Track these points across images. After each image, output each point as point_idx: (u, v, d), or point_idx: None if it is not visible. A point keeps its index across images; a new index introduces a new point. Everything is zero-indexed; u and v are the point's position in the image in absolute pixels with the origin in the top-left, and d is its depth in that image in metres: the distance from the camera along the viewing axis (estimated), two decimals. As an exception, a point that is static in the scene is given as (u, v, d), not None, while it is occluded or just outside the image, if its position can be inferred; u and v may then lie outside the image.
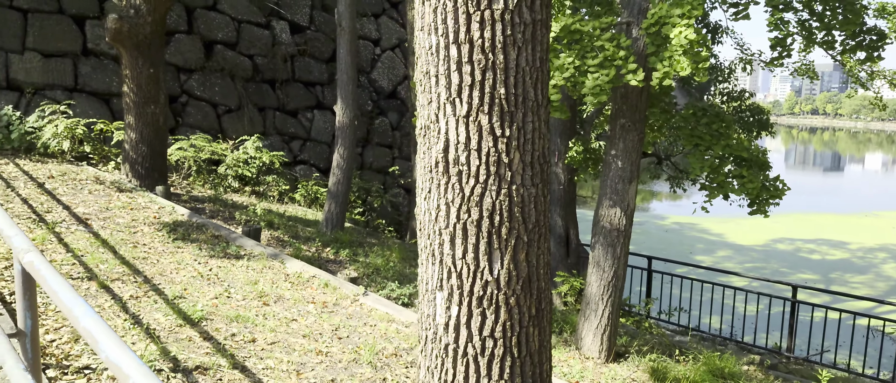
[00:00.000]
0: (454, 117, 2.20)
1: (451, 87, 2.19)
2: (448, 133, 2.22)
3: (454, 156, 2.22)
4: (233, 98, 11.70)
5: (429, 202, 2.32)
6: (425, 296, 2.41)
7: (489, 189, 2.22)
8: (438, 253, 2.31)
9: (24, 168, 7.92)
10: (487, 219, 2.23)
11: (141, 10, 7.84)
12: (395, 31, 14.30)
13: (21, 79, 9.68)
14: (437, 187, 2.27)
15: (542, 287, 2.37)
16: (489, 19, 2.12)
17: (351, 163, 8.49)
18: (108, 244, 5.69)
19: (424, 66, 2.25)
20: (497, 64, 2.16)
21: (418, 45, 2.29)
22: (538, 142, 2.26)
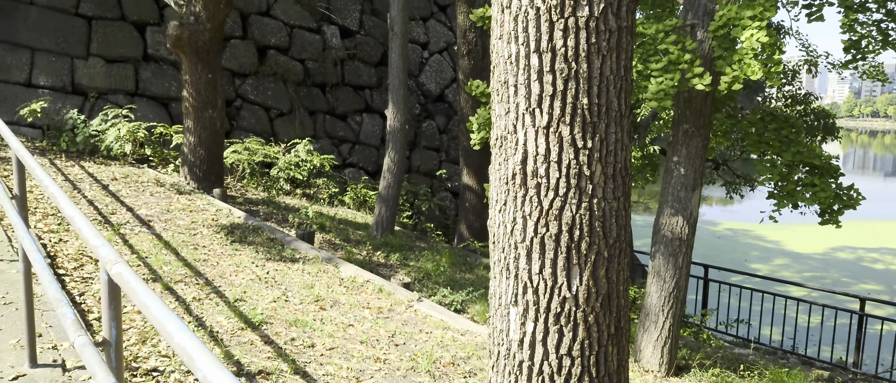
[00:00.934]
0: (533, 128, 2.14)
1: (530, 98, 2.13)
2: (527, 144, 2.16)
3: (533, 168, 2.16)
4: (285, 102, 11.90)
5: (504, 214, 2.26)
6: (498, 311, 2.35)
7: (569, 202, 2.14)
8: (513, 267, 2.25)
9: (89, 170, 8.21)
10: (567, 233, 2.16)
11: (201, 17, 8.04)
12: (443, 35, 14.30)
13: (85, 83, 10.05)
14: (514, 199, 2.21)
15: (621, 304, 2.28)
16: (573, 27, 2.05)
17: (401, 168, 8.51)
18: (170, 246, 5.83)
19: (502, 75, 2.20)
20: (580, 73, 2.08)
21: (495, 54, 2.24)
22: (621, 153, 2.18)
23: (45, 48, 9.76)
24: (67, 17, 10.01)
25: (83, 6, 10.13)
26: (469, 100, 10.38)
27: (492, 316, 2.41)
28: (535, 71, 2.10)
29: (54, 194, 2.27)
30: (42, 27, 9.77)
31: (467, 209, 10.56)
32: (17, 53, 9.56)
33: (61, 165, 8.13)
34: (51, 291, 2.12)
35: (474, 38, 10.33)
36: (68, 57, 9.95)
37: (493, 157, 2.30)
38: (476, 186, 10.52)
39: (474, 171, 10.53)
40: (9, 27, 9.53)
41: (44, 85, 9.70)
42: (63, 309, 2.01)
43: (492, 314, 2.41)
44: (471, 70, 10.36)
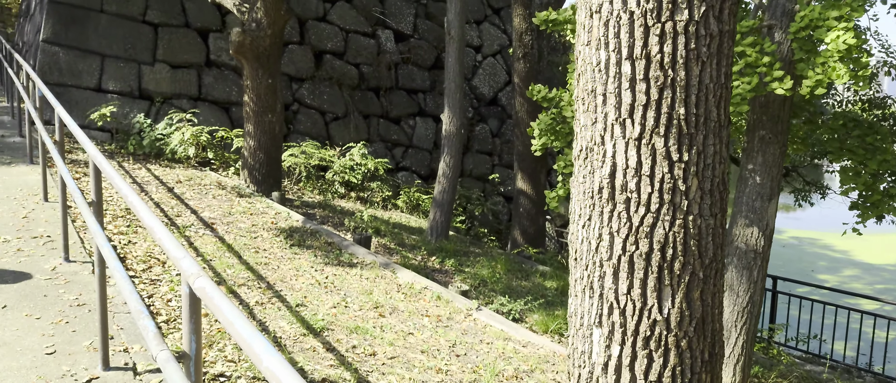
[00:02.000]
0: (623, 139, 2.01)
1: (621, 107, 2.00)
2: (616, 157, 2.03)
3: (622, 182, 2.03)
4: (340, 106, 12.02)
5: (588, 231, 2.14)
6: (579, 331, 2.23)
7: (662, 219, 2.00)
8: (598, 286, 2.12)
9: (155, 172, 8.47)
10: (658, 252, 2.02)
11: (262, 23, 8.17)
12: (496, 38, 14.18)
13: (151, 88, 10.40)
14: (600, 215, 2.09)
15: (716, 328, 2.12)
16: (671, 32, 1.92)
17: (456, 173, 8.43)
18: (232, 249, 5.92)
19: (589, 83, 2.08)
20: (677, 81, 1.94)
21: (581, 61, 2.12)
22: (718, 167, 2.02)
23: (114, 54, 10.15)
24: (135, 24, 10.38)
25: (150, 14, 10.49)
26: (525, 103, 10.24)
27: (572, 335, 2.29)
28: (627, 79, 1.98)
29: (134, 204, 2.28)
30: (111, 34, 10.15)
31: (521, 214, 10.41)
32: (88, 60, 9.97)
33: (129, 168, 8.41)
34: (132, 302, 2.12)
35: (530, 41, 10.18)
36: (136, 63, 10.31)
37: (577, 170, 2.19)
38: (530, 191, 10.35)
39: (529, 176, 10.37)
40: (80, 34, 9.95)
41: (113, 90, 10.07)
42: (144, 321, 2.00)
43: (572, 334, 2.29)
44: (527, 73, 10.21)
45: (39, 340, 3.52)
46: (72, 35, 9.86)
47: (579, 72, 2.13)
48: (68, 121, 4.12)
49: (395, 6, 13.07)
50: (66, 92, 9.67)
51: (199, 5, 10.93)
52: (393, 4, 13.05)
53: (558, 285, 7.25)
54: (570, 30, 5.24)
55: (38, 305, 3.97)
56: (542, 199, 10.42)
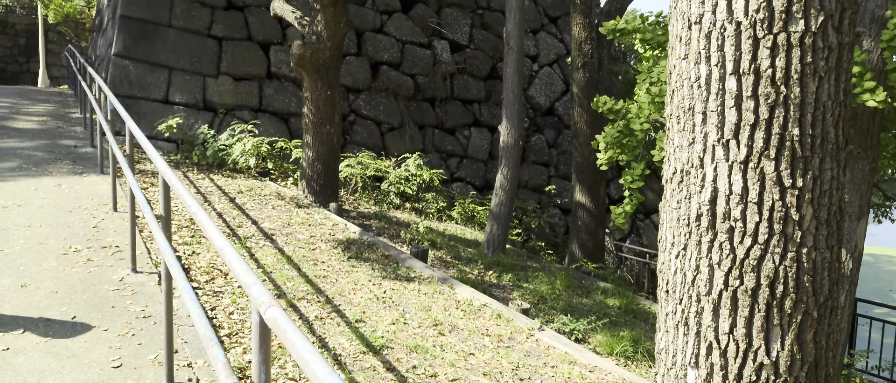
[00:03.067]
0: (726, 162, 1.82)
1: (724, 127, 1.82)
2: (717, 181, 1.84)
3: (724, 210, 1.84)
4: (395, 116, 12.04)
5: (683, 261, 1.95)
6: (671, 371, 2.04)
7: (771, 251, 1.80)
8: (695, 323, 1.93)
9: (217, 183, 8.64)
10: (767, 287, 1.82)
11: (322, 36, 8.25)
12: (553, 47, 13.95)
13: (215, 100, 10.66)
14: (698, 245, 1.90)
15: (829, 374, 1.89)
16: (784, 44, 1.72)
17: (514, 185, 8.26)
18: (292, 261, 5.93)
19: (686, 100, 1.90)
20: (790, 98, 1.75)
21: (676, 76, 1.94)
22: (835, 194, 1.81)
23: (180, 67, 10.46)
24: (201, 38, 10.68)
25: (215, 28, 10.78)
26: (584, 114, 9.98)
27: (661, 374, 2.10)
28: (731, 96, 1.79)
29: (204, 224, 2.23)
30: (179, 48, 10.48)
31: (580, 227, 10.13)
32: (157, 73, 10.31)
33: (193, 178, 8.61)
34: (201, 328, 2.07)
35: (590, 50, 9.92)
36: (201, 75, 10.60)
37: (669, 193, 2.00)
38: (590, 204, 10.06)
39: (588, 188, 10.09)
40: (149, 48, 10.31)
41: (179, 101, 10.38)
42: (214, 350, 1.94)
43: (661, 372, 2.10)
44: (586, 83, 9.96)
45: (106, 353, 3.56)
46: (142, 49, 10.23)
47: (674, 87, 1.95)
48: (139, 135, 4.19)
49: (452, 16, 13.03)
50: (135, 104, 10.03)
51: (261, 19, 11.17)
52: (449, 15, 13.02)
53: (621, 303, 6.97)
54: (639, 39, 5.02)
55: (105, 316, 4.03)
56: (601, 213, 10.12)
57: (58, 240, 5.31)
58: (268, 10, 11.20)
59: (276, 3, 9.05)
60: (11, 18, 28.71)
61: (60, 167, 7.91)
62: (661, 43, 4.97)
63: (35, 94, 16.29)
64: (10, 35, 28.60)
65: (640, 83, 5.14)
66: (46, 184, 7.01)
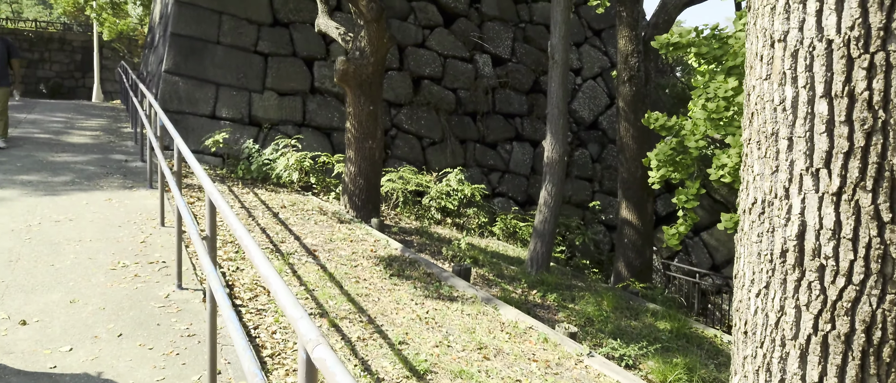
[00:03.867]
0: (816, 194, 1.65)
1: (813, 155, 1.64)
2: (805, 214, 1.67)
3: (814, 246, 1.66)
4: (437, 131, 11.99)
5: (765, 301, 1.77)
6: (749, 419, 1.85)
7: (868, 293, 1.62)
8: (779, 370, 1.75)
9: (261, 197, 8.72)
10: (862, 333, 1.63)
11: (365, 52, 8.26)
12: (597, 60, 13.72)
13: (260, 115, 10.81)
14: (783, 284, 1.72)
15: (936, 431, 1.68)
16: (882, 65, 1.55)
17: (559, 201, 8.07)
18: (334, 278, 5.88)
19: (768, 125, 1.73)
20: (890, 124, 1.57)
21: (756, 96, 1.78)
22: (943, 230, 1.61)
23: (227, 83, 10.66)
24: (247, 54, 10.87)
25: (261, 44, 10.96)
26: (630, 129, 9.72)
27: (737, 422, 1.91)
28: (822, 121, 1.62)
29: (250, 250, 2.16)
30: (226, 64, 10.68)
31: (626, 245, 9.83)
32: (205, 88, 10.52)
33: (238, 192, 8.71)
34: (245, 361, 1.99)
35: (637, 64, 9.68)
36: (247, 91, 10.77)
37: (747, 225, 1.84)
38: (636, 221, 9.77)
39: (634, 205, 9.80)
40: (198, 65, 10.53)
41: (225, 117, 10.56)
42: None
43: (736, 420, 1.91)
44: (632, 97, 9.71)
45: (151, 373, 3.54)
46: (191, 65, 10.46)
47: (753, 110, 1.79)
48: (187, 154, 4.20)
49: (494, 30, 12.96)
50: (184, 119, 10.24)
51: (305, 35, 11.31)
52: (491, 29, 12.95)
53: (673, 327, 6.68)
54: (694, 53, 4.81)
55: (151, 334, 4.03)
56: (648, 230, 9.81)
57: (107, 255, 5.39)
58: (312, 26, 11.34)
59: (321, 19, 9.12)
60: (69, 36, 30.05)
61: (111, 181, 8.10)
62: (717, 57, 4.75)
63: (89, 109, 16.89)
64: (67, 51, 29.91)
65: (696, 98, 4.92)
66: (97, 199, 7.17)
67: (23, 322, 4.00)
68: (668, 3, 9.85)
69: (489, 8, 12.98)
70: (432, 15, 12.49)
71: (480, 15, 12.96)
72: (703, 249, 12.11)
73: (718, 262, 11.99)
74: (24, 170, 8.17)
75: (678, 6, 9.84)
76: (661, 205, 12.59)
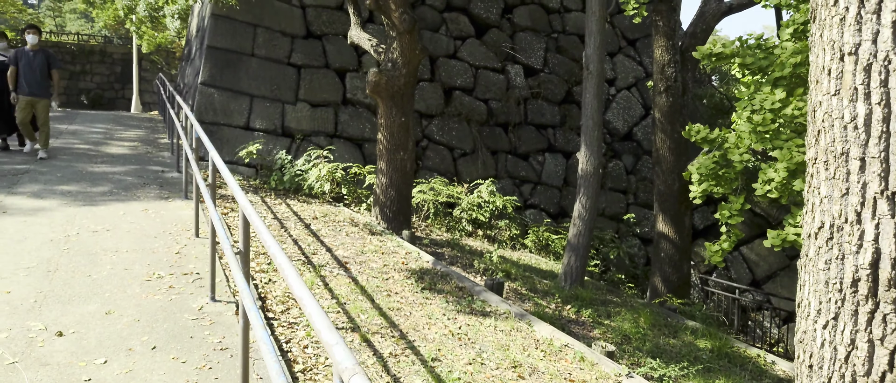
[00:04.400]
0: (892, 219, 1.51)
1: (889, 176, 1.51)
2: (880, 240, 1.54)
3: (890, 275, 1.53)
4: (468, 142, 11.93)
5: (833, 333, 1.64)
6: (814, 461, 1.71)
7: (953, 329, 1.47)
8: (849, 408, 1.61)
9: (294, 208, 8.75)
10: (947, 373, 1.48)
11: (397, 63, 8.25)
12: (631, 70, 13.50)
13: (293, 126, 10.90)
14: (854, 316, 1.59)
15: None
16: (971, 78, 1.42)
17: (593, 215, 7.90)
18: (365, 291, 5.83)
19: (838, 143, 1.61)
20: (979, 144, 1.43)
21: (823, 113, 1.66)
22: None
23: (261, 95, 10.78)
24: (281, 66, 10.98)
25: (294, 56, 11.06)
26: (667, 140, 9.51)
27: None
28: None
29: (284, 269, 2.11)
30: (260, 76, 10.81)
31: (663, 259, 9.59)
32: (239, 100, 10.66)
33: (271, 203, 8.76)
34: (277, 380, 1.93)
35: (674, 74, 9.47)
36: (280, 102, 10.88)
37: (812, 250, 1.70)
38: (673, 235, 9.52)
39: (671, 218, 9.56)
40: (233, 77, 10.68)
41: (259, 128, 10.67)
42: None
43: (800, 460, 1.77)
44: (669, 108, 9.50)
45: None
46: (226, 78, 10.61)
47: (819, 127, 1.67)
48: (222, 168, 4.20)
49: (526, 41, 12.86)
50: (218, 130, 10.38)
51: (337, 47, 11.38)
52: (523, 39, 12.86)
53: (713, 345, 6.45)
54: (739, 64, 4.65)
55: (184, 347, 4.02)
56: (686, 244, 9.55)
57: (142, 266, 5.44)
58: (345, 38, 11.41)
59: (353, 31, 9.16)
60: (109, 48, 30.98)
61: (148, 192, 8.22)
62: (762, 67, 4.57)
63: (127, 120, 17.30)
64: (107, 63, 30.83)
65: (740, 110, 4.74)
66: (134, 209, 7.27)
67: (59, 333, 4.03)
68: (706, 12, 9.64)
69: (521, 18, 12.90)
70: (464, 26, 12.47)
71: (512, 25, 12.89)
72: (742, 264, 11.75)
73: (759, 278, 11.62)
74: (64, 181, 8.36)
75: (716, 15, 9.61)
76: (698, 218, 12.28)
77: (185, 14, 19.55)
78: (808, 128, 1.73)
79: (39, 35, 9.54)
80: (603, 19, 7.75)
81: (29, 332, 4.00)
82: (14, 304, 4.41)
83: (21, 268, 5.12)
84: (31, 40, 9.32)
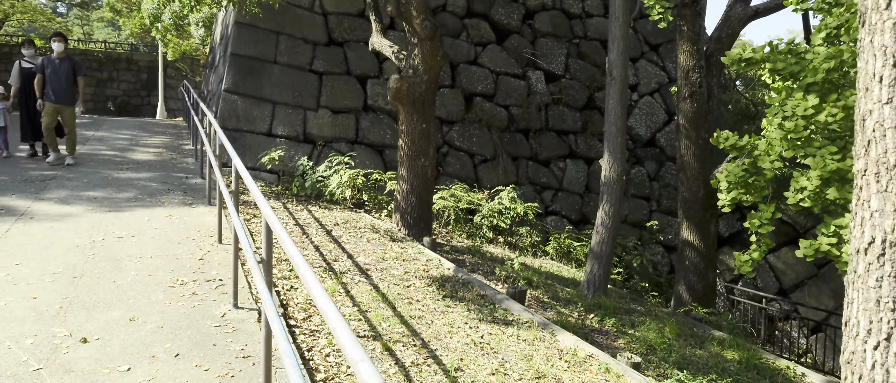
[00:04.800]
0: (951, 235, 1.42)
1: (948, 190, 1.43)
2: (937, 258, 1.45)
3: (949, 295, 1.43)
4: (488, 148, 11.87)
5: (885, 354, 1.56)
6: None
7: None
8: (904, 435, 1.52)
9: (315, 214, 8.76)
10: None
11: (418, 70, 8.23)
12: (654, 75, 13.34)
13: (314, 133, 10.94)
14: (909, 336, 1.50)
15: None
16: None
17: (617, 222, 7.79)
18: (386, 299, 5.80)
19: (890, 154, 1.52)
20: None
21: (874, 122, 1.57)
22: None
23: (283, 101, 10.84)
24: (303, 73, 11.04)
25: (316, 63, 11.12)
26: (691, 147, 9.35)
27: None
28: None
29: (308, 280, 2.08)
30: (282, 83, 10.87)
31: (687, 268, 9.42)
32: (262, 107, 10.73)
33: (292, 209, 8.78)
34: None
35: (698, 79, 9.33)
36: (302, 109, 10.93)
37: (860, 267, 1.62)
38: (698, 243, 9.35)
39: (696, 226, 9.39)
40: (256, 84, 10.76)
41: (281, 134, 10.73)
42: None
43: None
44: (694, 114, 9.34)
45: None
46: (249, 84, 10.70)
47: (870, 137, 1.58)
48: (245, 175, 4.20)
49: (547, 46, 12.78)
50: (241, 136, 10.46)
51: (359, 54, 11.41)
52: (544, 45, 12.78)
53: (741, 357, 6.30)
54: (769, 69, 4.53)
55: (206, 355, 4.02)
56: (711, 252, 9.37)
57: (166, 273, 5.46)
58: (366, 44, 11.44)
59: (375, 37, 9.17)
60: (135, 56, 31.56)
61: (172, 198, 8.29)
62: (793, 73, 4.45)
63: (153, 126, 17.55)
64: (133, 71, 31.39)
65: (770, 117, 4.62)
66: (158, 215, 7.33)
67: (84, 339, 4.05)
68: (732, 16, 9.48)
69: (542, 24, 12.83)
70: (484, 32, 12.43)
71: (533, 31, 12.82)
72: (769, 272, 11.50)
73: (786, 286, 11.36)
74: (90, 187, 8.47)
75: (743, 19, 9.45)
76: (723, 226, 12.06)
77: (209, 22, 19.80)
78: (855, 138, 1.65)
79: (65, 43, 9.66)
80: (627, 25, 7.65)
81: (54, 339, 4.03)
82: (40, 310, 4.45)
83: (47, 273, 5.17)
84: (57, 48, 9.47)
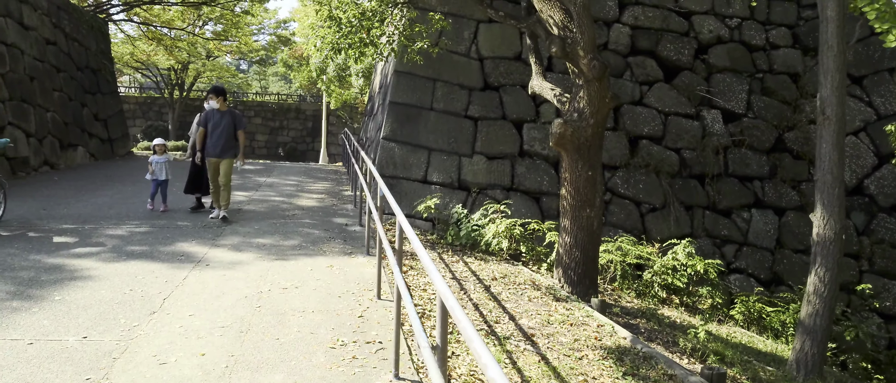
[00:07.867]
0: None
1: None
2: None
3: None
4: (657, 195, 10.77)
5: None
6: None
7: None
8: None
9: (472, 267, 8.31)
10: None
11: (584, 113, 7.58)
12: (859, 112, 11.44)
13: (469, 179, 10.63)
14: None
15: None
16: None
17: (834, 289, 6.42)
18: (558, 374, 5.08)
19: None
20: None
21: None
22: None
23: (438, 148, 10.69)
24: (458, 119, 10.85)
25: (471, 109, 10.89)
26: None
27: None
28: None
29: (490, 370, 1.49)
30: (438, 129, 10.75)
31: (924, 349, 7.58)
32: (418, 154, 10.66)
33: (448, 260, 8.42)
34: None
35: (933, 115, 7.63)
36: (457, 155, 10.70)
37: None
38: (939, 318, 7.50)
39: (935, 296, 7.56)
40: (412, 131, 10.74)
41: (436, 181, 10.55)
42: None
43: None
44: (928, 157, 7.64)
45: None
46: (406, 132, 10.70)
47: None
48: (410, 232, 3.79)
49: (724, 83, 11.50)
50: (397, 183, 10.42)
51: (514, 98, 11.02)
52: (721, 81, 11.51)
53: None
54: None
55: (368, 438, 3.58)
56: (958, 330, 7.46)
57: (326, 331, 5.23)
58: (522, 88, 11.03)
59: (535, 80, 8.69)
60: (303, 106, 34.30)
61: (332, 246, 8.29)
62: None
63: (316, 172, 18.51)
64: (301, 119, 34.06)
65: None
66: (320, 265, 7.30)
67: (246, 409, 3.81)
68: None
69: (718, 59, 11.58)
70: (651, 70, 11.47)
71: (707, 66, 11.61)
72: None
73: None
74: (260, 233, 8.76)
75: None
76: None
77: (368, 72, 20.75)
78: None
79: (222, 98, 9.26)
80: (842, 54, 6.43)
81: (217, 405, 3.84)
82: (207, 369, 4.34)
83: (216, 327, 5.15)
84: (212, 105, 9.20)
